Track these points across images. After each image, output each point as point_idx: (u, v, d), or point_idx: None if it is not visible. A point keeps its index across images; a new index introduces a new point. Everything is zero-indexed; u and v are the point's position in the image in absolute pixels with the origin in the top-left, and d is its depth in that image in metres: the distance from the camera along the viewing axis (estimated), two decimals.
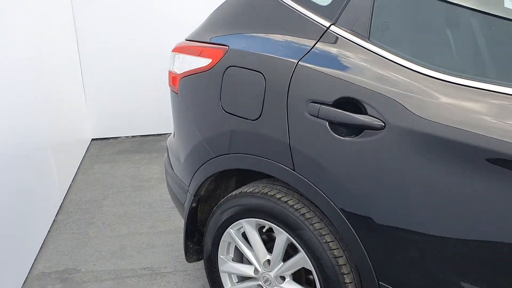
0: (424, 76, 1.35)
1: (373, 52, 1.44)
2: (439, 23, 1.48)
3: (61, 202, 3.29)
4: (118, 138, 4.64)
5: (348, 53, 1.48)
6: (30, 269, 2.55)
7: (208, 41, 1.85)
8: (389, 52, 1.42)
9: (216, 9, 1.94)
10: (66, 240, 2.84)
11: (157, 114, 4.50)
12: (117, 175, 3.76)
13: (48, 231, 2.92)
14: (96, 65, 4.42)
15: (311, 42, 1.56)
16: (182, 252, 2.15)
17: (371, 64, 1.43)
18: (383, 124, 1.37)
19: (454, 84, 1.31)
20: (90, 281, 2.45)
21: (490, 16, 1.43)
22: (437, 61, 1.39)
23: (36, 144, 2.95)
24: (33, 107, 2.92)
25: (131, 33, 4.35)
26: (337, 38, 1.52)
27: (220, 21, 1.88)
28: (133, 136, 4.68)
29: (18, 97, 2.68)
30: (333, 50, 1.51)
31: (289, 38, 1.62)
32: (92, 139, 4.60)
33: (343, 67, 1.47)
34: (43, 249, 2.74)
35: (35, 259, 2.64)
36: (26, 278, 2.47)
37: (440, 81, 1.33)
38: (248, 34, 1.74)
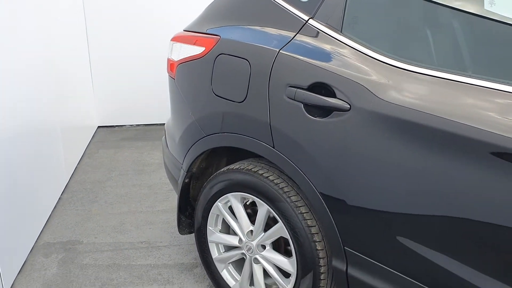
0: (385, 64, 1.53)
1: (344, 43, 1.63)
2: (400, 18, 1.67)
3: (67, 182, 3.50)
4: (123, 126, 4.86)
5: (323, 44, 1.67)
6: (37, 239, 2.76)
7: (203, 31, 2.05)
8: (358, 43, 1.61)
9: (212, 3, 2.14)
10: (70, 215, 3.05)
11: (161, 104, 4.66)
12: (120, 160, 3.97)
13: (54, 207, 3.13)
14: (104, 58, 4.62)
15: (292, 34, 1.75)
16: (177, 228, 2.35)
17: (342, 54, 1.62)
18: (349, 106, 1.56)
19: (411, 72, 1.49)
20: (91, 251, 2.66)
21: (450, 10, 1.61)
22: (398, 52, 1.57)
23: (47, 129, 3.16)
24: (44, 95, 3.13)
25: (139, 28, 4.55)
26: (314, 30, 1.71)
27: (214, 14, 2.07)
28: (137, 125, 4.89)
29: (32, 86, 2.89)
30: (310, 41, 1.71)
31: (273, 30, 1.82)
32: (99, 127, 4.81)
33: (318, 56, 1.66)
34: (48, 222, 2.95)
35: (42, 231, 2.85)
36: (32, 246, 2.68)
37: (398, 69, 1.51)
38: (238, 26, 1.93)
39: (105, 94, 4.75)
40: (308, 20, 1.73)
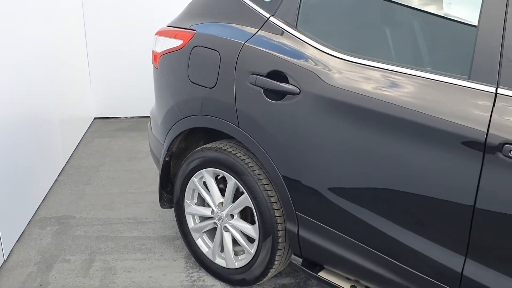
0: (330, 56, 1.82)
1: (297, 37, 1.92)
2: (344, 17, 1.96)
3: (64, 166, 3.78)
4: (119, 118, 5.13)
5: (280, 38, 1.96)
6: (34, 214, 3.04)
7: (182, 26, 2.34)
8: (309, 38, 1.89)
9: (191, 1, 2.42)
10: (65, 195, 3.33)
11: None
12: (114, 148, 4.25)
13: (51, 187, 3.41)
14: (102, 53, 4.88)
15: (255, 29, 2.03)
16: (159, 202, 2.63)
17: (295, 46, 1.90)
18: (299, 90, 1.84)
19: (352, 62, 1.77)
20: (82, 225, 2.94)
21: (388, 7, 1.89)
22: (342, 46, 1.85)
23: (46, 118, 3.44)
24: (44, 87, 3.41)
25: (135, 24, 4.82)
26: (274, 26, 1.99)
27: (192, 12, 2.36)
28: (132, 117, 5.16)
29: (32, 79, 3.17)
30: (270, 35, 1.99)
31: (240, 25, 2.10)
32: (95, 118, 5.08)
33: (275, 48, 1.95)
34: (45, 201, 3.23)
35: (38, 207, 3.13)
36: (30, 220, 2.97)
37: (342, 60, 1.79)
38: (212, 22, 2.22)
39: (101, 87, 5.02)
40: (269, 17, 2.02)
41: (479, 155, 1.46)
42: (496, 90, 1.46)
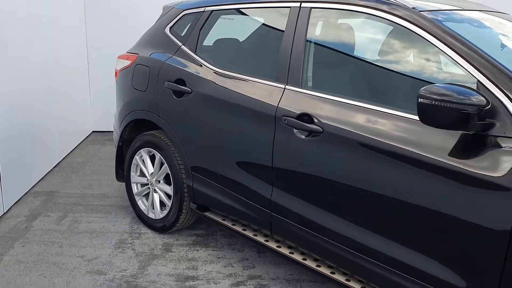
0: (210, 69, 2.86)
1: (195, 58, 2.98)
2: (217, 47, 3.02)
3: (59, 161, 4.85)
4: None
5: (185, 58, 3.02)
6: (30, 189, 4.10)
7: (132, 52, 3.43)
8: (201, 58, 2.95)
9: (143, 35, 3.52)
10: (55, 179, 4.38)
11: None
12: (102, 151, 5.32)
13: (46, 174, 4.48)
14: (101, 71, 5.90)
15: (172, 53, 3.11)
16: (115, 177, 3.65)
17: (193, 63, 2.96)
18: (191, 90, 2.88)
19: (222, 73, 2.81)
20: (64, 196, 3.97)
21: (241, 44, 2.95)
22: (216, 63, 2.89)
23: (46, 127, 4.55)
24: (46, 102, 4.54)
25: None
26: (183, 51, 3.06)
27: (140, 42, 3.46)
28: None
29: (35, 94, 4.29)
30: (180, 57, 3.06)
31: (164, 51, 3.18)
32: (93, 131, 6.20)
33: (181, 64, 3.01)
34: (39, 182, 4.29)
35: (34, 185, 4.19)
36: (26, 192, 4.02)
37: (216, 72, 2.83)
38: (148, 48, 3.31)
39: (100, 104, 6.10)
40: (181, 46, 3.09)
41: (273, 123, 2.45)
42: (285, 87, 2.47)
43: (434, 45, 2.04)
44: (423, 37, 2.08)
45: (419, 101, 1.76)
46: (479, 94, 1.77)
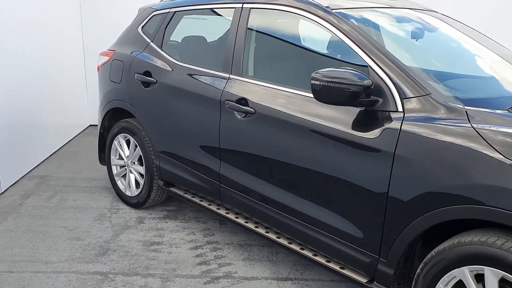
0: (174, 62, 3.29)
1: (160, 53, 3.41)
2: (179, 44, 3.45)
3: (56, 150, 5.33)
4: None
5: (152, 53, 3.46)
6: (26, 173, 4.57)
7: (111, 49, 3.88)
8: (165, 53, 3.39)
9: (121, 34, 3.96)
10: (51, 165, 4.85)
11: None
12: (95, 142, 5.75)
13: (42, 161, 4.95)
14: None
15: (142, 49, 3.55)
16: (98, 161, 4.10)
17: (158, 57, 3.40)
18: (156, 81, 3.32)
19: (183, 66, 3.24)
20: (56, 179, 4.44)
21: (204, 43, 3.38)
22: (179, 58, 3.33)
23: (44, 120, 5.02)
24: (44, 97, 5.01)
25: None
26: (151, 47, 3.50)
27: (118, 40, 3.91)
28: None
29: (33, 89, 4.76)
30: (148, 52, 3.49)
31: (135, 47, 3.62)
32: (90, 125, 6.66)
33: (149, 58, 3.45)
34: (35, 168, 4.76)
35: (31, 169, 4.66)
36: (23, 176, 4.49)
37: (178, 64, 3.26)
38: (123, 46, 3.75)
39: (97, 98, 6.55)
40: (150, 42, 3.53)
41: (219, 106, 2.88)
42: (229, 76, 2.89)
43: (341, 38, 2.44)
44: (333, 32, 2.48)
45: (311, 82, 2.17)
46: (364, 76, 2.17)
